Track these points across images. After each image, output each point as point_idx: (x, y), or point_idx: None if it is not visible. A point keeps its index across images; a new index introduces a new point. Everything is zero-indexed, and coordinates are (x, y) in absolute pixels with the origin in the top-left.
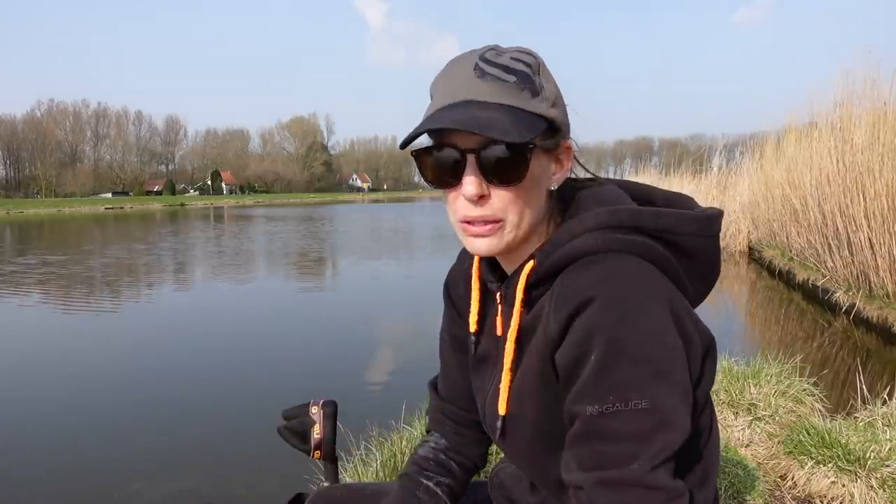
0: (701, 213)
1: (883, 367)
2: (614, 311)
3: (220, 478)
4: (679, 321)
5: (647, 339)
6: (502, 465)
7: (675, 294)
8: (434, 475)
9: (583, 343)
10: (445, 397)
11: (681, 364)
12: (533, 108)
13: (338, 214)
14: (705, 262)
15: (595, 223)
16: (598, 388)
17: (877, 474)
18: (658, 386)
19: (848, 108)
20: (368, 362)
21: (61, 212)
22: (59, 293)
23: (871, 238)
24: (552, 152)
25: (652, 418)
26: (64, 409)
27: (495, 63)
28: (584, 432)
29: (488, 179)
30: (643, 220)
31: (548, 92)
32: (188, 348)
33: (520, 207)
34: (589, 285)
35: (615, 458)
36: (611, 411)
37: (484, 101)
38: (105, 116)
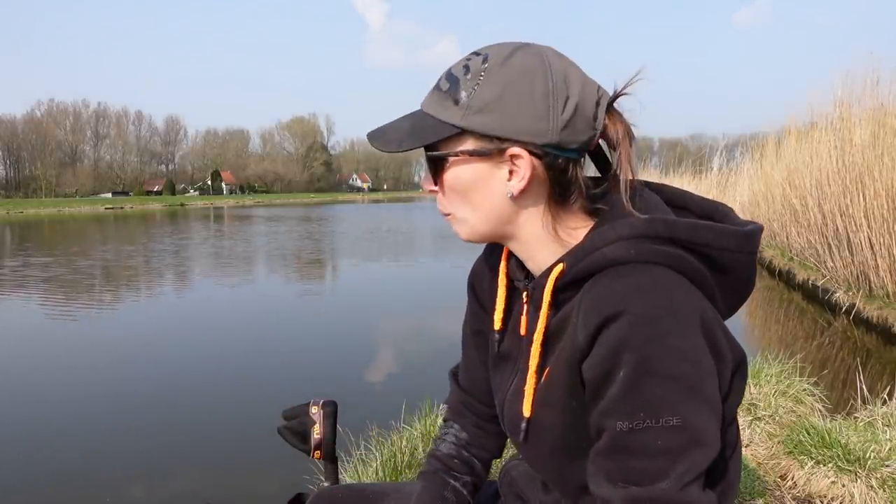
0: (740, 230)
1: (883, 367)
2: (645, 328)
3: (220, 478)
4: (711, 337)
5: (678, 357)
6: (514, 461)
7: (708, 309)
8: (460, 475)
9: (611, 358)
10: (467, 389)
11: (711, 381)
12: (442, 116)
13: (337, 214)
14: (741, 279)
15: (629, 232)
16: (628, 405)
17: (877, 474)
18: (689, 403)
19: (848, 108)
20: (368, 362)
21: (61, 212)
22: (42, 295)
23: (871, 238)
24: (494, 159)
25: (683, 435)
26: (63, 410)
27: (448, 71)
28: (613, 447)
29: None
30: (679, 232)
31: (477, 98)
32: (187, 349)
33: (462, 206)
34: (619, 297)
35: (645, 475)
36: (640, 427)
37: (416, 111)
38: (105, 116)
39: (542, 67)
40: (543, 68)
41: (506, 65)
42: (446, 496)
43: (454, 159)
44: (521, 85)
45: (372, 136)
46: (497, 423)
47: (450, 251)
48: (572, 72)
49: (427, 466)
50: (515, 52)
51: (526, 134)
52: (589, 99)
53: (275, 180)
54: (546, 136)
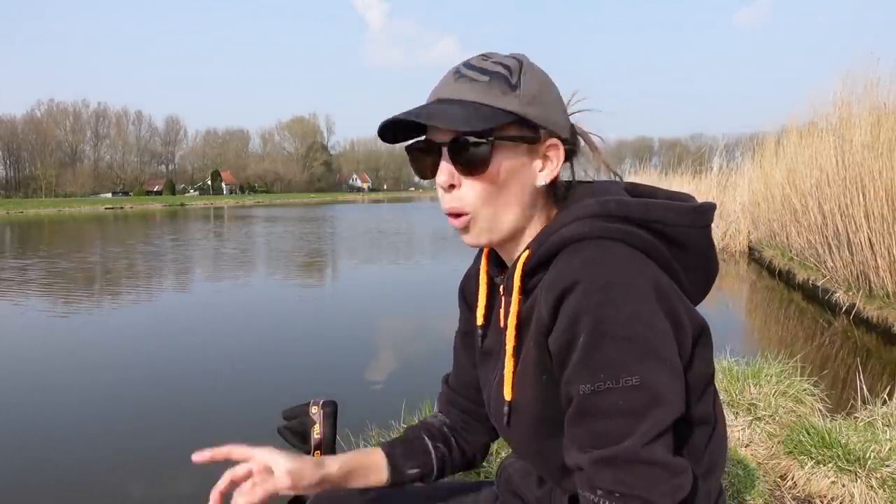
0: (691, 205)
1: (883, 367)
2: (599, 294)
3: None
4: (667, 304)
5: (633, 319)
6: (510, 459)
7: (662, 277)
8: (435, 440)
9: (571, 327)
10: (455, 388)
11: (669, 344)
12: (496, 103)
13: (337, 215)
14: (699, 254)
15: (584, 212)
16: (588, 368)
17: (877, 474)
18: (647, 363)
19: (848, 108)
20: (368, 363)
21: (61, 212)
22: (41, 295)
23: (871, 238)
24: (532, 148)
25: (643, 394)
26: (62, 410)
27: (475, 66)
28: (579, 412)
29: (459, 169)
30: (632, 211)
31: (524, 90)
32: (185, 350)
33: (492, 199)
34: (574, 270)
35: (609, 436)
36: (602, 389)
37: (451, 98)
38: (105, 116)
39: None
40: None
41: (533, 66)
42: (414, 445)
43: (500, 146)
44: (549, 84)
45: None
46: (483, 422)
47: (449, 252)
48: None
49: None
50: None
51: (559, 127)
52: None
53: (275, 180)
54: (566, 131)
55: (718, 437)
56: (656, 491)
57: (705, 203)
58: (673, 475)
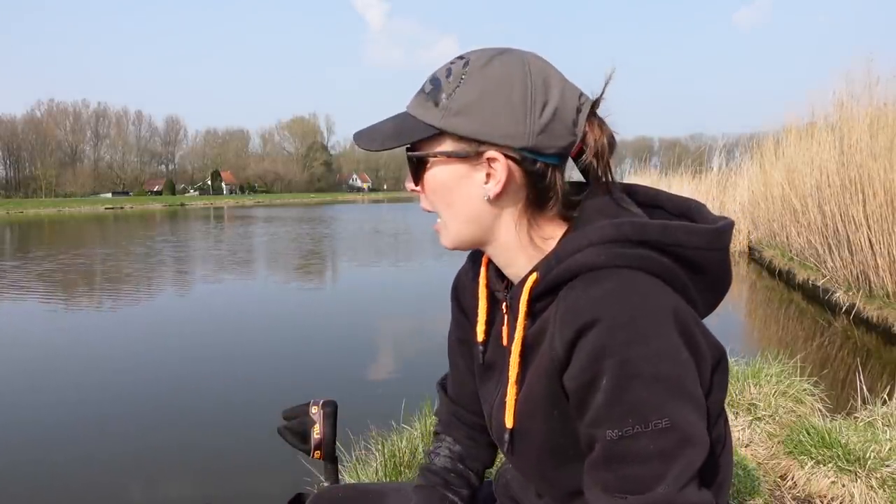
0: (710, 227)
1: (883, 367)
2: (622, 332)
3: (221, 478)
4: (688, 334)
5: (659, 358)
6: (508, 466)
7: (683, 307)
8: (458, 489)
9: (592, 366)
10: (456, 400)
11: (693, 378)
12: (423, 117)
13: (337, 215)
14: (715, 275)
15: (599, 237)
16: (615, 412)
17: (877, 474)
18: (675, 402)
19: (847, 108)
20: (368, 363)
21: (61, 212)
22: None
23: (871, 238)
24: (472, 160)
25: (674, 436)
26: (62, 411)
27: (433, 74)
28: (606, 457)
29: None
30: (649, 234)
31: (453, 101)
32: (185, 350)
33: (443, 207)
34: (593, 304)
35: (642, 481)
36: (630, 434)
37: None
38: (105, 116)
39: (522, 72)
40: (523, 73)
41: (486, 68)
42: None
43: (433, 160)
44: (499, 88)
45: (357, 135)
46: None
47: (449, 251)
48: (553, 77)
49: (423, 481)
50: (496, 56)
51: (502, 137)
52: (569, 105)
53: (275, 180)
54: (522, 140)
55: (727, 455)
56: None
57: (723, 222)
58: None
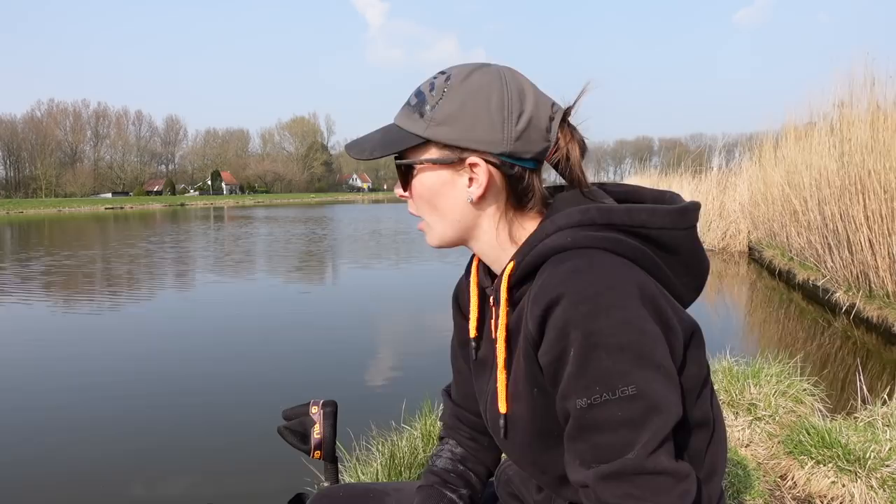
0: (673, 207)
1: (883, 367)
2: (586, 304)
3: (221, 478)
4: (656, 308)
5: (624, 327)
6: (509, 461)
7: (648, 281)
8: (457, 487)
9: (561, 340)
10: (459, 403)
11: (661, 349)
12: (409, 127)
13: (336, 215)
14: (687, 255)
15: (566, 222)
16: (583, 381)
17: (877, 474)
18: (641, 370)
19: (847, 108)
20: (368, 363)
21: (61, 212)
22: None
23: (871, 238)
24: (454, 166)
25: (641, 403)
26: (62, 409)
27: (417, 88)
28: (578, 427)
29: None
30: (614, 217)
31: (437, 112)
32: (185, 350)
33: (430, 211)
34: (559, 282)
35: (612, 448)
36: (599, 402)
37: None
38: (105, 116)
39: (499, 84)
40: (499, 85)
41: (466, 82)
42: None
43: (420, 167)
44: (478, 100)
45: (349, 146)
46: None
47: (450, 251)
48: (527, 89)
49: (424, 481)
50: (475, 70)
51: (483, 144)
52: (542, 113)
53: (275, 180)
54: (501, 146)
55: (718, 440)
56: (666, 499)
57: (689, 204)
58: (679, 481)
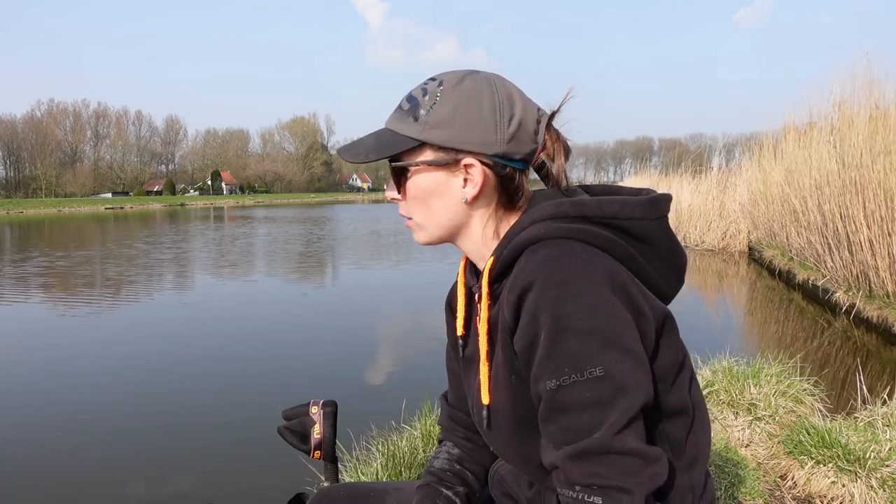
0: (643, 198)
1: (883, 367)
2: (556, 290)
3: (221, 478)
4: (626, 295)
5: (592, 311)
6: (501, 461)
7: (620, 270)
8: (452, 484)
9: (532, 325)
10: (455, 405)
11: (631, 334)
12: (403, 130)
13: (336, 216)
14: (661, 245)
15: (540, 215)
16: (552, 363)
17: (877, 474)
18: (609, 353)
19: (847, 108)
20: (368, 363)
21: (61, 212)
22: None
23: (871, 238)
24: (449, 167)
25: (609, 384)
26: (62, 409)
27: (410, 93)
28: (548, 409)
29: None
30: (586, 210)
31: (431, 115)
32: (185, 350)
33: (421, 212)
34: (531, 270)
35: (579, 429)
36: (567, 384)
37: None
38: (105, 116)
39: (490, 89)
40: (490, 90)
41: (458, 87)
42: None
43: (415, 169)
44: (471, 104)
45: (342, 150)
46: None
47: (448, 252)
48: (515, 94)
49: (423, 481)
50: (466, 76)
51: (477, 145)
52: (530, 117)
53: (275, 180)
54: (494, 147)
55: (700, 427)
56: (633, 480)
57: (659, 195)
58: (648, 463)
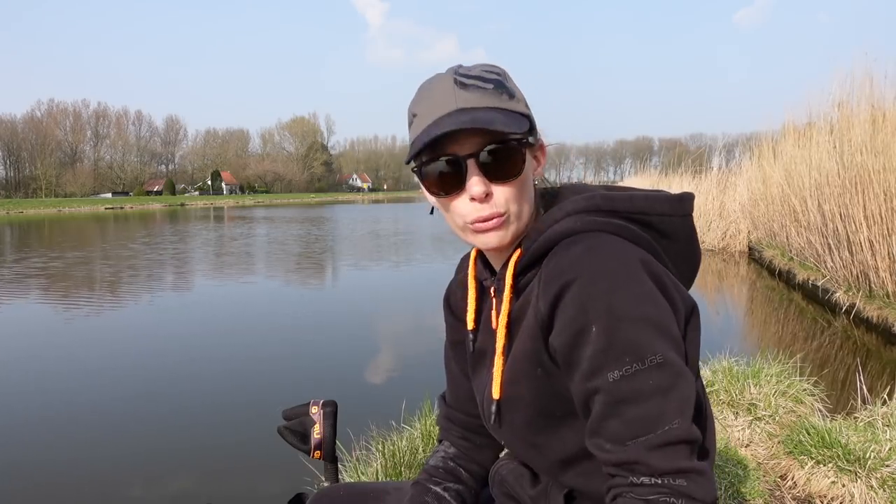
0: (671, 195)
1: (883, 367)
2: (603, 282)
3: (221, 478)
4: (660, 284)
5: (641, 300)
6: (503, 461)
7: (654, 262)
8: (442, 481)
9: (579, 319)
10: (452, 405)
11: (672, 320)
12: (515, 108)
13: (336, 216)
14: (683, 242)
15: (573, 208)
16: (613, 354)
17: (877, 474)
18: (663, 339)
19: (847, 108)
20: (368, 363)
21: (61, 212)
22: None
23: (871, 238)
24: (533, 149)
25: (669, 370)
26: (62, 411)
27: (471, 75)
28: (610, 402)
29: (490, 178)
30: (617, 204)
31: (519, 95)
32: (185, 350)
33: (519, 199)
34: (571, 264)
35: (648, 420)
36: (630, 372)
37: (472, 107)
38: (105, 116)
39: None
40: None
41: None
42: (427, 500)
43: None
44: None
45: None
46: (485, 435)
47: (448, 252)
48: None
49: (417, 478)
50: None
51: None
52: None
53: (275, 180)
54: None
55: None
56: (703, 463)
57: (685, 193)
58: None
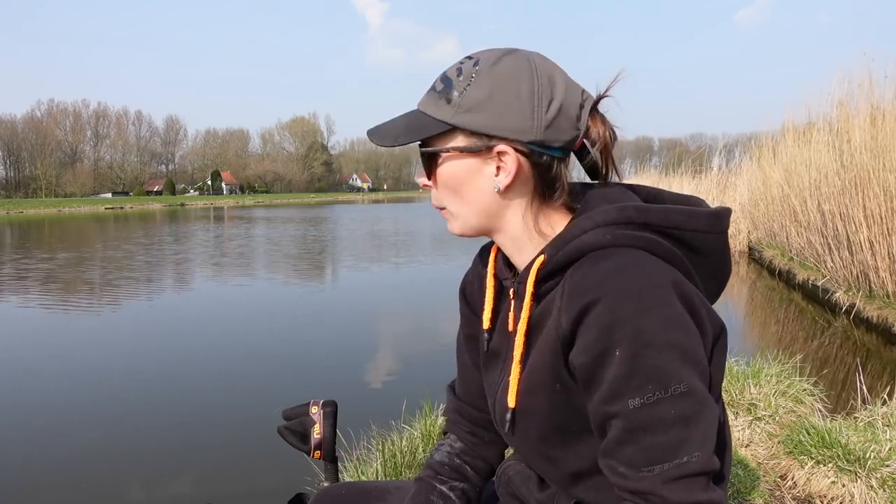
0: (710, 210)
1: (883, 367)
2: (632, 304)
3: (221, 478)
4: (691, 308)
5: (670, 326)
6: (510, 461)
7: (686, 283)
8: (448, 479)
9: (603, 340)
10: (462, 398)
11: (699, 346)
12: (435, 114)
13: (335, 216)
14: (715, 259)
15: (604, 219)
16: (635, 381)
17: (877, 474)
18: (687, 368)
19: (846, 108)
20: (368, 363)
21: (61, 212)
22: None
23: (871, 238)
24: (483, 155)
25: (692, 399)
26: (63, 409)
27: (444, 73)
28: (629, 429)
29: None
30: (651, 217)
31: (465, 98)
32: (185, 350)
33: (456, 201)
34: (599, 281)
35: (667, 449)
36: (652, 400)
37: (412, 110)
38: (105, 116)
39: (529, 71)
40: (530, 71)
41: (495, 67)
42: (432, 499)
43: (446, 155)
44: (508, 86)
45: (371, 132)
46: (493, 431)
47: (448, 252)
48: (557, 75)
49: (420, 474)
50: (504, 56)
51: (512, 131)
52: (573, 101)
53: (275, 180)
54: (531, 134)
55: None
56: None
57: (722, 208)
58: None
